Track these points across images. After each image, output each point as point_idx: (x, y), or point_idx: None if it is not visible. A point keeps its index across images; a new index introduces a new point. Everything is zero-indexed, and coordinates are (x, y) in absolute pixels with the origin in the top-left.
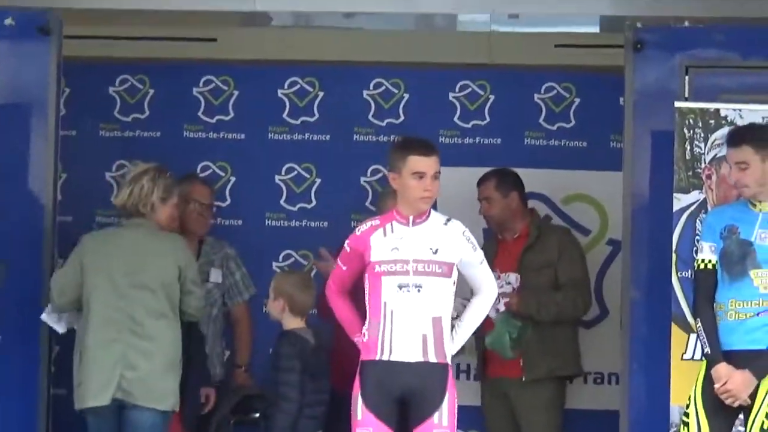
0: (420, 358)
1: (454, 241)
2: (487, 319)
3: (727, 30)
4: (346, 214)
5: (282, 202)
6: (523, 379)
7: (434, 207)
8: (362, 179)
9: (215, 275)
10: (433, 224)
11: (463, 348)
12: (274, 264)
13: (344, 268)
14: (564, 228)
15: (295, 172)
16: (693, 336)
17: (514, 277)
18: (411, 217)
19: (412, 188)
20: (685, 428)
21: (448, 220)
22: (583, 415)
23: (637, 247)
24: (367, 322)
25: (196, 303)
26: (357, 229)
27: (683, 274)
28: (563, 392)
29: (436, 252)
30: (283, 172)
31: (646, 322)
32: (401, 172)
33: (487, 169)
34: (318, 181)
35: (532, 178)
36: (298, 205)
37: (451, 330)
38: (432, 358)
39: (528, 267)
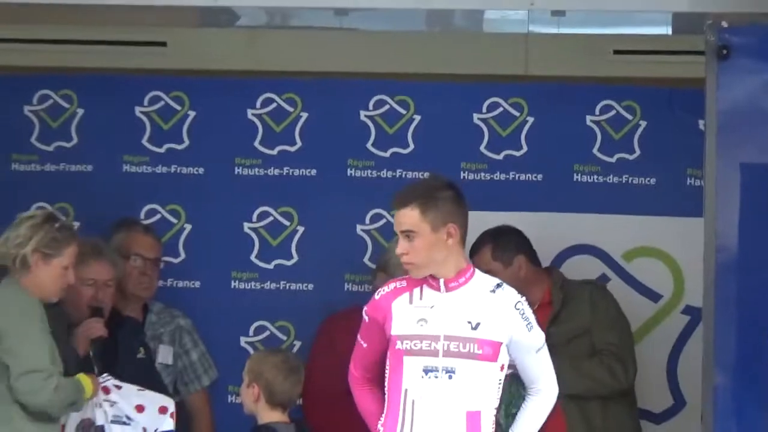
0: None
1: (503, 314)
2: None
3: None
4: (338, 273)
5: (253, 257)
6: None
7: None
8: (359, 227)
9: (164, 354)
10: (475, 290)
11: None
12: (243, 339)
13: (365, 345)
14: (593, 283)
15: (271, 218)
16: None
17: None
18: (442, 281)
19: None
20: None
21: (499, 285)
22: None
23: (722, 317)
24: (384, 412)
25: (22, 385)
26: (378, 291)
27: None
28: None
29: (476, 327)
30: (254, 218)
31: (736, 415)
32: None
33: (520, 217)
34: (300, 229)
35: (583, 226)
36: (275, 262)
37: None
38: None
39: (558, 344)
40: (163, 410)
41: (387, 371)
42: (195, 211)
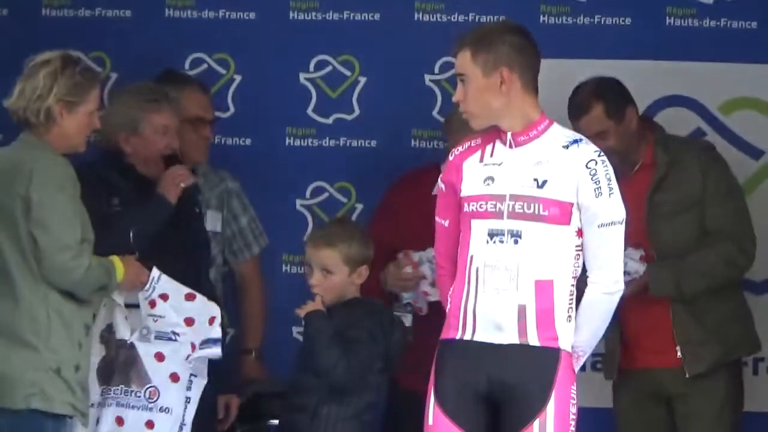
0: (514, 340)
1: (572, 171)
2: None
3: None
4: (404, 128)
5: (310, 111)
6: (686, 374)
7: None
8: (428, 77)
9: (212, 221)
10: (547, 144)
11: None
12: (299, 202)
13: (446, 223)
14: (705, 145)
15: (330, 68)
16: None
17: (637, 256)
18: (510, 134)
19: None
20: None
21: (576, 141)
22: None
23: None
24: (453, 286)
25: (52, 262)
26: (452, 151)
27: None
28: (740, 387)
29: (542, 186)
30: (311, 68)
31: None
32: None
33: (606, 65)
34: (362, 80)
35: (675, 74)
36: (334, 116)
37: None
38: (533, 340)
39: (662, 216)
40: (212, 321)
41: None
42: (245, 61)
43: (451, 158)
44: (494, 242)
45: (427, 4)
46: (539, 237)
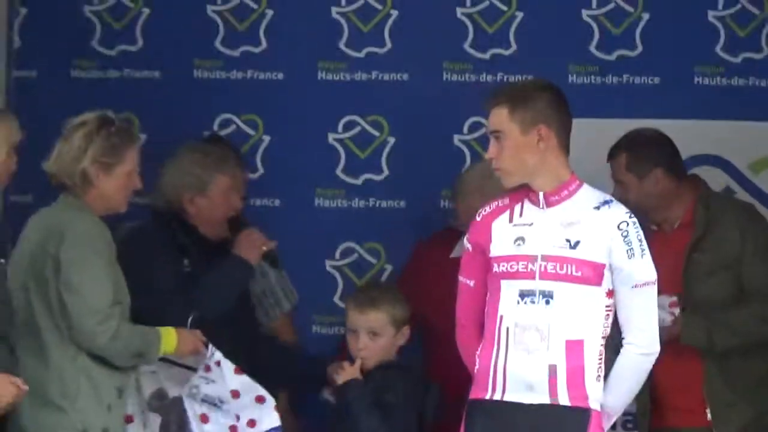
0: (545, 400)
1: (604, 233)
2: None
3: None
4: (434, 189)
5: (339, 172)
6: None
7: None
8: (456, 138)
9: None
10: (579, 205)
11: None
12: (328, 263)
13: (471, 283)
14: (745, 205)
15: (358, 128)
16: None
17: (667, 303)
18: (542, 194)
19: None
20: None
21: (606, 202)
22: None
23: None
24: (481, 345)
25: (80, 325)
26: (479, 211)
27: None
28: None
29: (575, 246)
30: (340, 128)
31: None
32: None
33: (634, 125)
34: (391, 140)
35: (705, 134)
36: (363, 177)
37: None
38: (564, 400)
39: (699, 276)
40: (259, 399)
41: (486, 302)
42: (274, 121)
43: (478, 219)
44: (525, 302)
45: (455, 64)
46: (571, 297)
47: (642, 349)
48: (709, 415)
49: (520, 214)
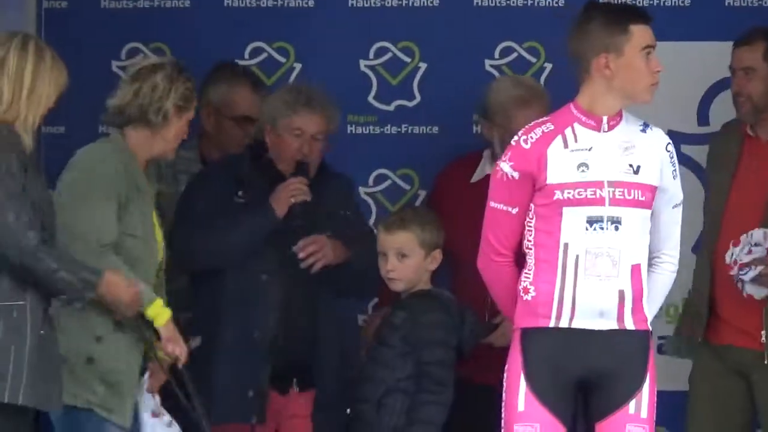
0: (614, 325)
1: (657, 155)
2: None
3: None
4: (466, 113)
5: (371, 98)
6: (765, 360)
7: None
8: (488, 62)
9: None
10: (628, 128)
11: None
12: (363, 190)
13: (514, 210)
14: None
15: (390, 55)
16: None
17: (761, 235)
18: (605, 118)
19: (641, 72)
20: None
21: (646, 124)
22: None
23: None
24: (530, 273)
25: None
26: (521, 137)
27: None
28: None
29: (637, 171)
30: (371, 55)
31: None
32: (623, 50)
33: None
34: (423, 66)
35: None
36: (395, 103)
37: None
38: (630, 324)
39: None
40: None
41: (531, 227)
42: (305, 49)
43: (527, 146)
44: (594, 229)
45: None
46: (635, 222)
47: (676, 265)
48: (763, 338)
49: (575, 139)
